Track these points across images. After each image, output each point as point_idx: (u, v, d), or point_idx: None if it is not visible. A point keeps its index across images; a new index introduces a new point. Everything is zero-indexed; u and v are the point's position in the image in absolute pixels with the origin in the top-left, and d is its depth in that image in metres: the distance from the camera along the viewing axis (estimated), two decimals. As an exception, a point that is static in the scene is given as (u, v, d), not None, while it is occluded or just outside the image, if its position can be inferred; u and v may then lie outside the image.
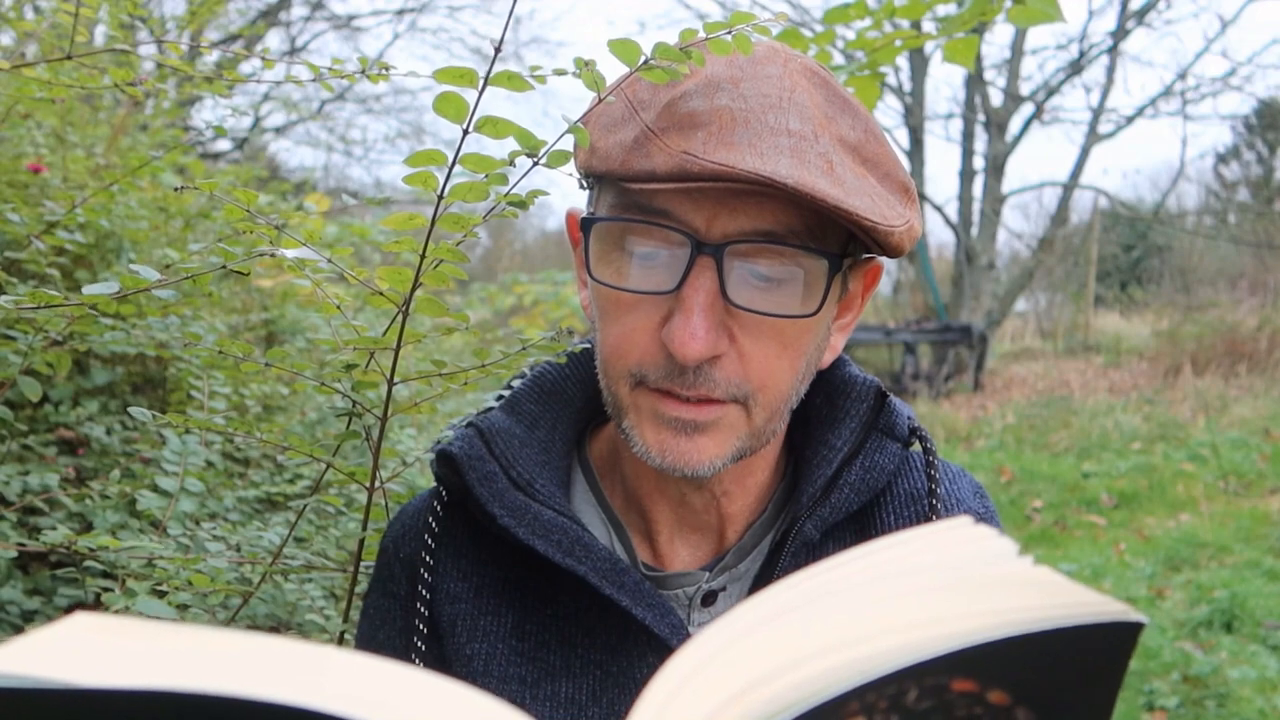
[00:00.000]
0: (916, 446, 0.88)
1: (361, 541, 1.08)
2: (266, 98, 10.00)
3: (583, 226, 0.77)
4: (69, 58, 1.12)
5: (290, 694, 0.30)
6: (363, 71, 0.96)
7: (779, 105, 0.72)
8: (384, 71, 0.96)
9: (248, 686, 0.30)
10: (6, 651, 0.31)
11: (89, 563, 1.07)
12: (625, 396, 0.77)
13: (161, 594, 1.04)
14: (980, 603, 0.36)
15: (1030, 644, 0.35)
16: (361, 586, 1.06)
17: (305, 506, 1.15)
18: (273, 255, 0.90)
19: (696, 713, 0.34)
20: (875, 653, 0.34)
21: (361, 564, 1.08)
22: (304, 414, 2.07)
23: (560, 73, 0.78)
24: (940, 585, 0.37)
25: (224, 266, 0.89)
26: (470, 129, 0.75)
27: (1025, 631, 0.35)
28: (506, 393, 0.89)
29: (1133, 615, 0.36)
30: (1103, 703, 0.38)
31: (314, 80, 1.05)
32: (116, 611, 0.98)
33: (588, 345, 0.91)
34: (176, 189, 0.88)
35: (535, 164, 0.77)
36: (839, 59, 1.66)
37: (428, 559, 0.84)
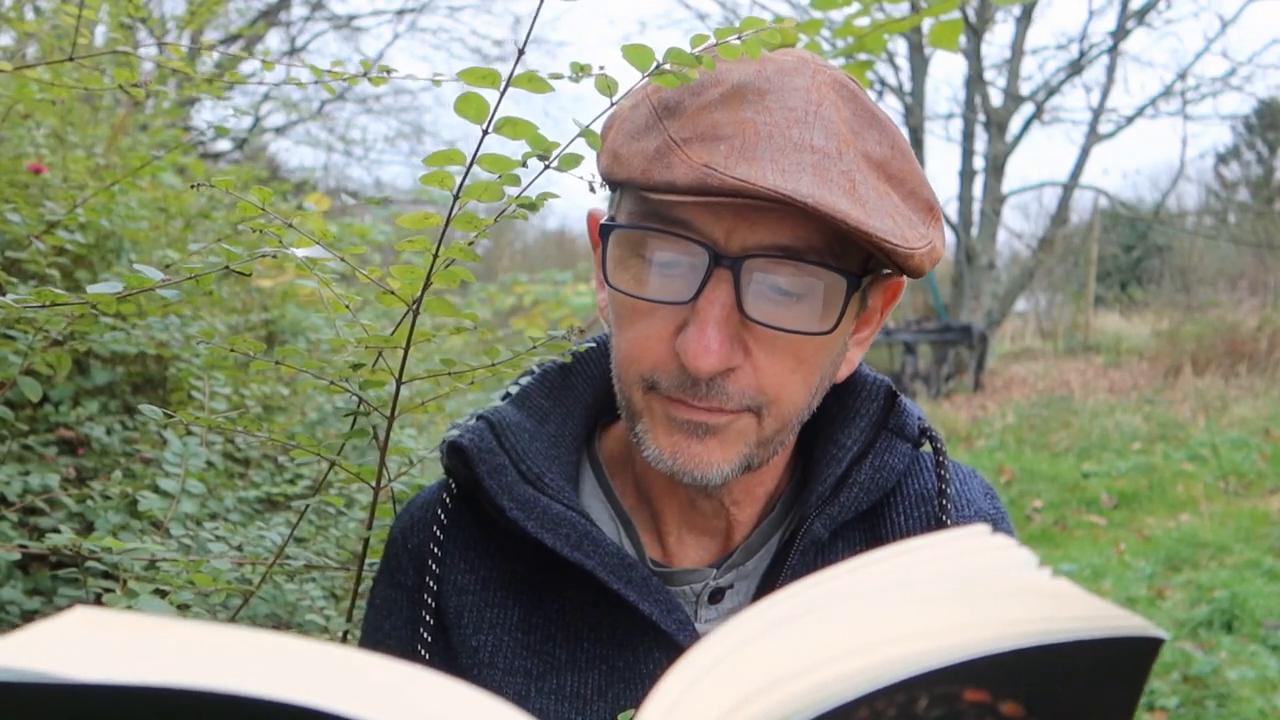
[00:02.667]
0: (926, 447, 0.88)
1: (366, 540, 1.07)
2: (266, 98, 9.99)
3: (601, 233, 0.77)
4: (70, 59, 1.12)
5: (290, 691, 0.30)
6: (365, 74, 0.96)
7: (804, 120, 0.71)
8: (386, 75, 0.96)
9: (246, 683, 0.30)
10: (5, 645, 0.31)
11: (90, 563, 1.06)
12: (639, 401, 0.77)
13: (163, 594, 1.04)
14: (995, 612, 0.35)
15: (1045, 656, 0.34)
16: (365, 585, 1.05)
17: (307, 507, 1.14)
18: (275, 256, 0.90)
19: (704, 715, 0.33)
20: (886, 660, 0.34)
21: (366, 562, 1.08)
22: (304, 414, 2.06)
23: (579, 69, 0.77)
24: (955, 594, 0.37)
25: (226, 267, 0.89)
26: (490, 129, 0.75)
27: (1040, 643, 0.34)
28: (514, 389, 0.89)
29: (1152, 630, 0.36)
30: (1119, 718, 0.38)
31: (315, 82, 1.04)
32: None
33: (593, 344, 0.91)
34: (193, 186, 0.88)
35: (547, 167, 0.77)
36: (827, 49, 1.65)
37: (436, 550, 0.84)
